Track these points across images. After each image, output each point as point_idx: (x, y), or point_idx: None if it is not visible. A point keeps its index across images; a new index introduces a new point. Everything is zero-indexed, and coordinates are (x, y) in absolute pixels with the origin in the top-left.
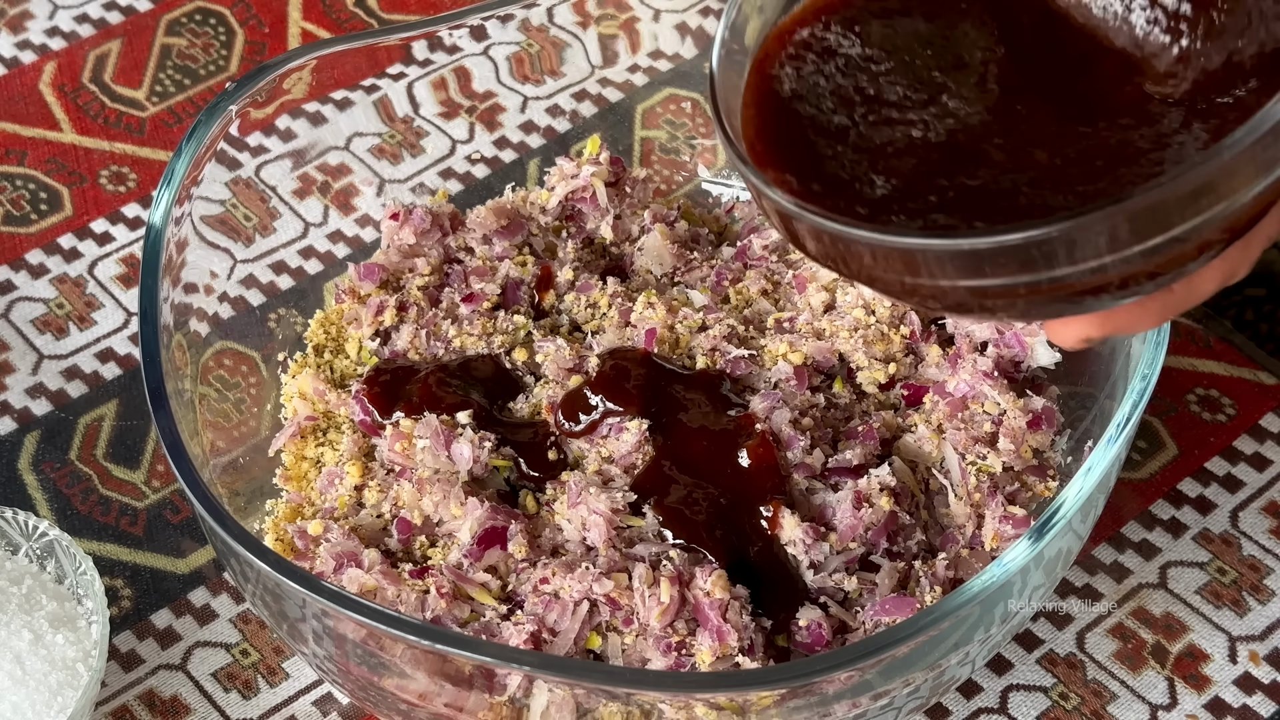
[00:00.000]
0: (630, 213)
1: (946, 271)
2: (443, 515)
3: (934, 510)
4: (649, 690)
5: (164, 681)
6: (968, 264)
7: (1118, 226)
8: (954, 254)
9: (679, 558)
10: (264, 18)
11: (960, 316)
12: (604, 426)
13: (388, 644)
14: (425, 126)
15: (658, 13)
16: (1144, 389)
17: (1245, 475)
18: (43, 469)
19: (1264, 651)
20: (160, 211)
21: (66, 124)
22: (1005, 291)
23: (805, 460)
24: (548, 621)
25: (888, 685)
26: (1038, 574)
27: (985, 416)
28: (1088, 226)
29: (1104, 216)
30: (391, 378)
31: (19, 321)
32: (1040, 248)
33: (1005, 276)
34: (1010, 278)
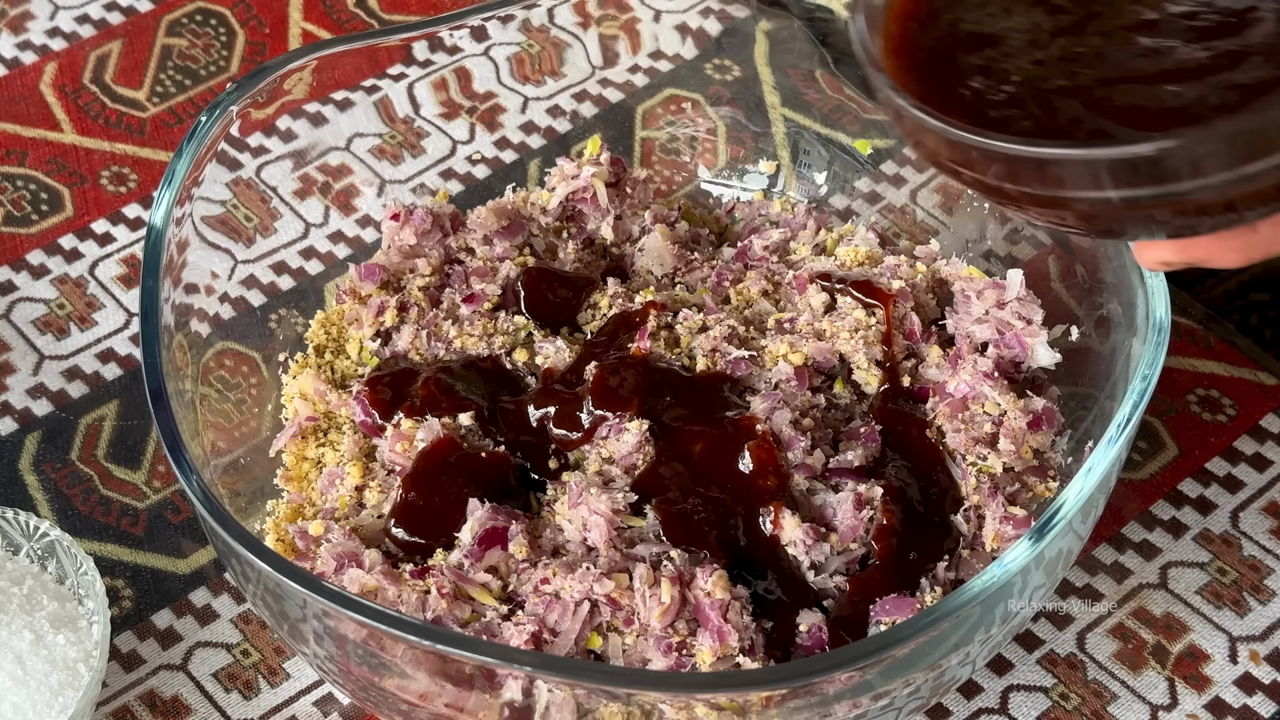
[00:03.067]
0: (631, 213)
1: (1075, 181)
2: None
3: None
4: (650, 691)
5: (165, 682)
6: (1096, 173)
7: (1238, 142)
8: (1086, 162)
9: (680, 558)
10: (264, 18)
11: (1067, 228)
12: (603, 428)
13: (388, 644)
14: (426, 127)
15: (658, 13)
16: (1144, 389)
17: (1246, 476)
18: (44, 469)
19: (1264, 652)
20: (161, 212)
21: (67, 124)
22: (1118, 205)
23: (806, 461)
24: (548, 622)
25: (888, 685)
26: (1038, 574)
27: (986, 417)
28: (1213, 139)
29: (1233, 131)
30: (392, 379)
31: (20, 322)
32: (1155, 163)
33: (1125, 189)
34: (1128, 189)
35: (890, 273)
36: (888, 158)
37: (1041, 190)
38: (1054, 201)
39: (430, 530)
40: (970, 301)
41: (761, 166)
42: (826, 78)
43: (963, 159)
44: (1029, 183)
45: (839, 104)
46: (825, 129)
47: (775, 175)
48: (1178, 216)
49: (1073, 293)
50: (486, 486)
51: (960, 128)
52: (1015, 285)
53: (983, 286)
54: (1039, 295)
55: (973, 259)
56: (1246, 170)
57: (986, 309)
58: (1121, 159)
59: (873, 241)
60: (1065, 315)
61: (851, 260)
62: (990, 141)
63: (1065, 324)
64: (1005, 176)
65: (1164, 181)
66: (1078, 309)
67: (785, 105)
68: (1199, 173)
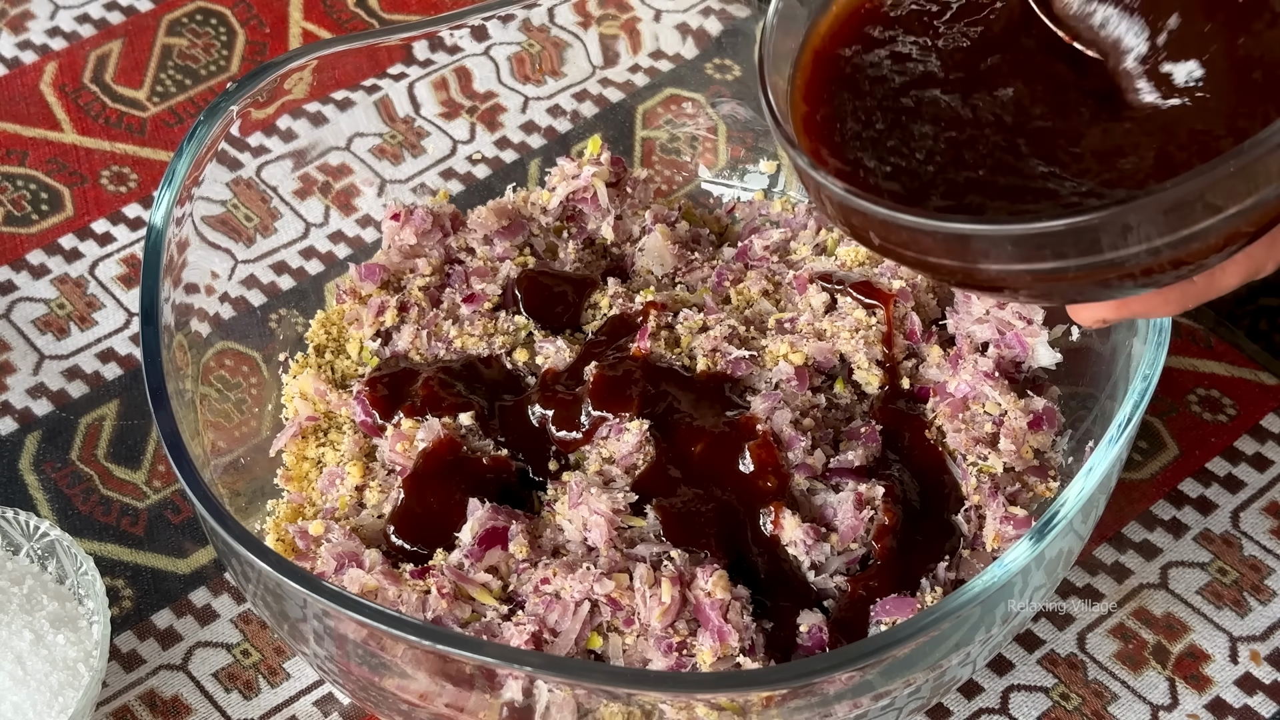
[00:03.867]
0: (631, 213)
1: (992, 255)
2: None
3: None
4: (650, 691)
5: (165, 682)
6: (1016, 249)
7: (1157, 214)
8: (1007, 238)
9: (680, 558)
10: (265, 18)
11: (984, 294)
12: (604, 428)
13: (389, 644)
14: (426, 127)
15: (659, 13)
16: (1145, 389)
17: (1246, 475)
18: (44, 469)
19: (1265, 652)
20: (161, 212)
21: (67, 124)
22: (1036, 275)
23: (806, 461)
24: (549, 622)
25: (889, 685)
26: (1039, 574)
27: (986, 417)
28: (1136, 211)
29: (1153, 202)
30: (392, 379)
31: (20, 322)
32: (1078, 235)
33: (1039, 262)
34: (1042, 263)
35: (891, 272)
36: None
37: (989, 266)
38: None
39: (430, 536)
40: (970, 301)
41: (762, 166)
42: None
43: (898, 240)
44: (963, 258)
45: None
46: None
47: (776, 175)
48: (1126, 280)
49: None
50: (488, 490)
51: (900, 209)
52: None
53: None
54: None
55: None
56: (1184, 234)
57: (987, 309)
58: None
59: None
60: (1065, 315)
61: (852, 260)
62: (932, 223)
63: (1066, 324)
64: (944, 255)
65: (1103, 251)
66: None
67: None
68: (1137, 240)
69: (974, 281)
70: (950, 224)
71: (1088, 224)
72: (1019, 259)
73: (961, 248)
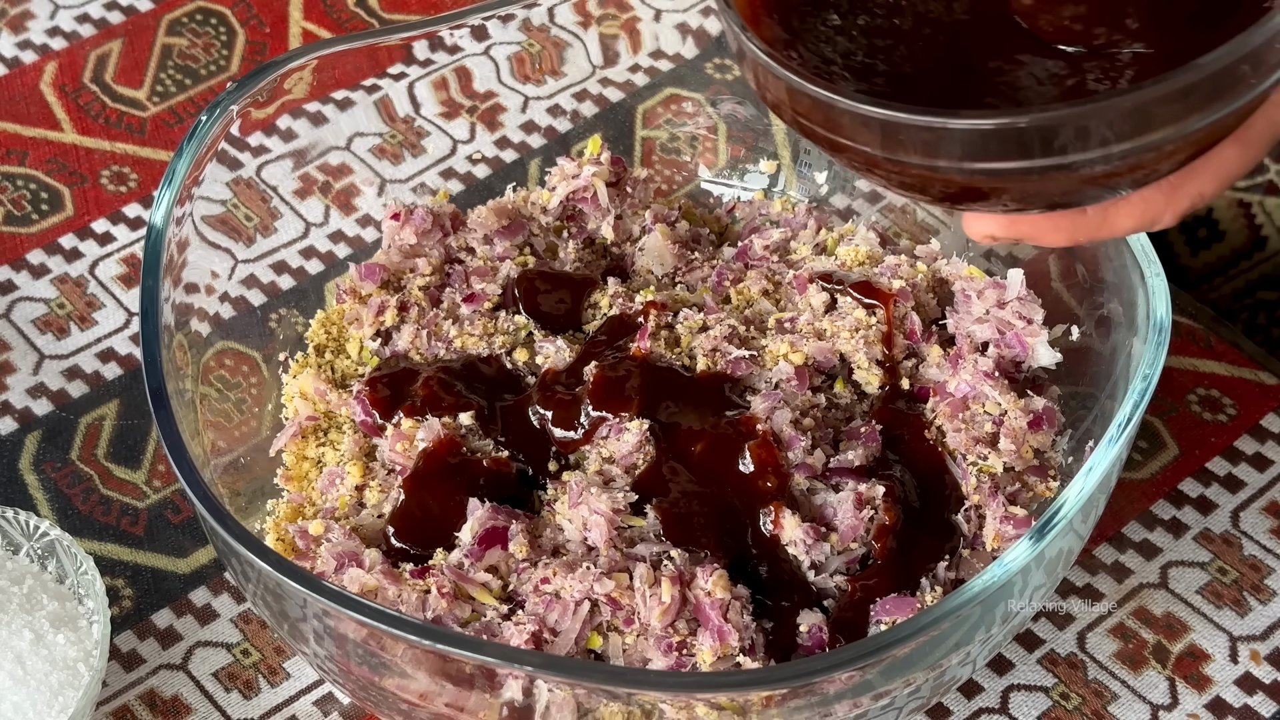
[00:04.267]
0: (631, 213)
1: (911, 147)
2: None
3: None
4: (650, 690)
5: (165, 681)
6: (923, 141)
7: (1073, 127)
8: (915, 127)
9: (680, 558)
10: (265, 18)
11: (901, 192)
12: (604, 428)
13: (389, 644)
14: (426, 126)
15: (659, 13)
16: (1145, 389)
17: (1246, 475)
18: (44, 469)
19: (1265, 651)
20: (161, 211)
21: (67, 124)
22: (948, 175)
23: (806, 460)
24: (549, 621)
25: (889, 685)
26: (1039, 574)
27: (986, 417)
28: (1061, 120)
29: (1075, 114)
30: (392, 378)
31: (20, 321)
32: (994, 136)
33: (947, 160)
34: (959, 162)
35: (891, 272)
36: None
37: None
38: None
39: (430, 537)
40: (971, 301)
41: (762, 166)
42: None
43: (817, 118)
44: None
45: None
46: None
47: (776, 175)
48: (1027, 197)
49: (1073, 292)
50: (488, 490)
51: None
52: (1016, 285)
53: (983, 286)
54: (1039, 295)
55: (973, 258)
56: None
57: (987, 308)
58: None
59: (873, 241)
60: (1066, 315)
61: (852, 260)
62: (861, 106)
63: (1066, 323)
64: (855, 138)
65: (1010, 157)
66: (1078, 308)
67: None
68: (1047, 150)
69: (879, 170)
70: (860, 106)
71: (1008, 126)
72: (926, 153)
73: (869, 132)
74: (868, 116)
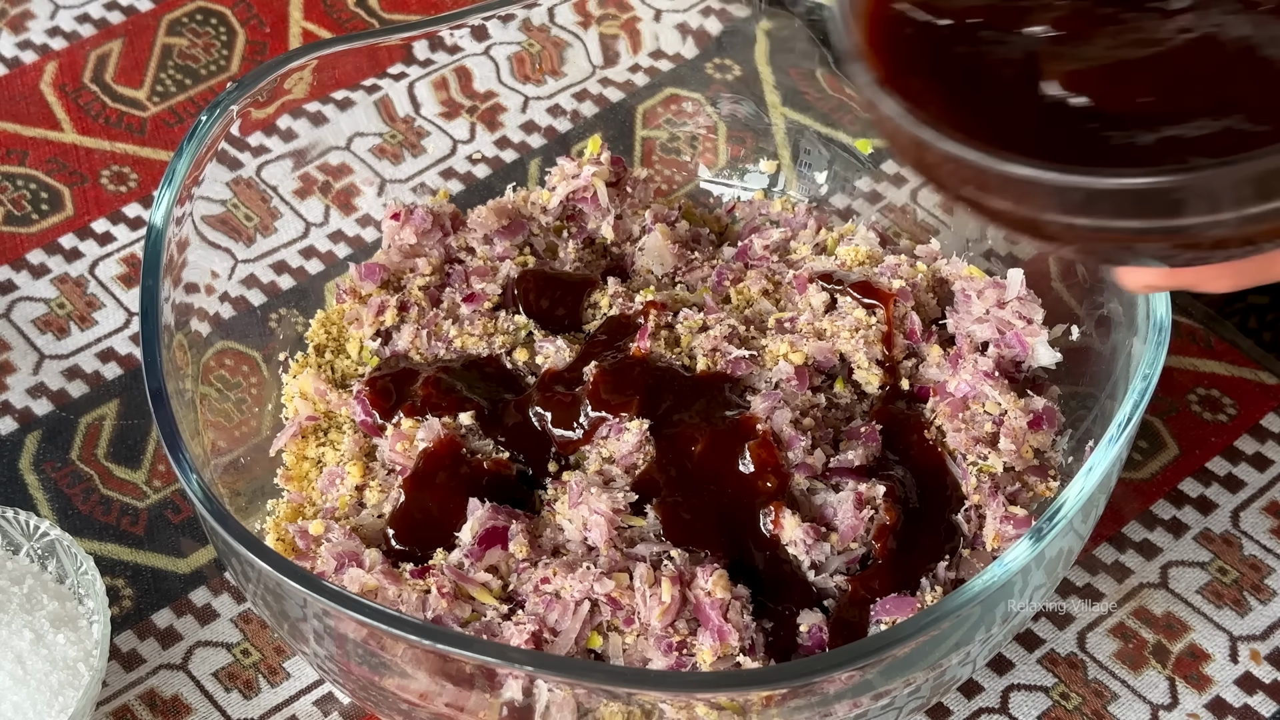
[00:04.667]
0: (631, 213)
1: (1057, 205)
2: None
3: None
4: (650, 690)
5: (165, 681)
6: (1085, 201)
7: (1237, 184)
8: (1073, 189)
9: (680, 558)
10: (265, 18)
11: (1044, 245)
12: (604, 428)
13: (389, 644)
14: (426, 126)
15: (659, 13)
16: (1145, 389)
17: (1246, 475)
18: (44, 469)
19: (1265, 651)
20: (161, 211)
21: (68, 124)
22: (1100, 233)
23: (806, 460)
24: (549, 621)
25: (889, 685)
26: (1039, 574)
27: (986, 417)
28: (1217, 179)
29: (1234, 172)
30: (393, 378)
31: (20, 321)
32: (1153, 197)
33: (1110, 219)
34: (1115, 220)
35: (890, 272)
36: (888, 157)
37: (1027, 211)
38: (1044, 226)
39: (430, 537)
40: (971, 301)
41: (762, 166)
42: (827, 77)
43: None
44: (1014, 199)
45: (839, 103)
46: (826, 128)
47: (776, 175)
48: (1184, 250)
49: (1073, 292)
50: (488, 492)
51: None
52: (1016, 285)
53: (983, 286)
54: (1039, 294)
55: (973, 258)
56: (1263, 209)
57: (987, 308)
58: (1135, 190)
59: (873, 241)
60: (1066, 314)
61: (852, 260)
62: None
63: (1066, 323)
64: (1003, 196)
65: (1174, 216)
66: (1078, 308)
67: (786, 104)
68: (1215, 209)
69: (1037, 233)
70: (1019, 168)
71: (1170, 185)
72: (1082, 212)
73: (1023, 193)
74: (1066, 184)
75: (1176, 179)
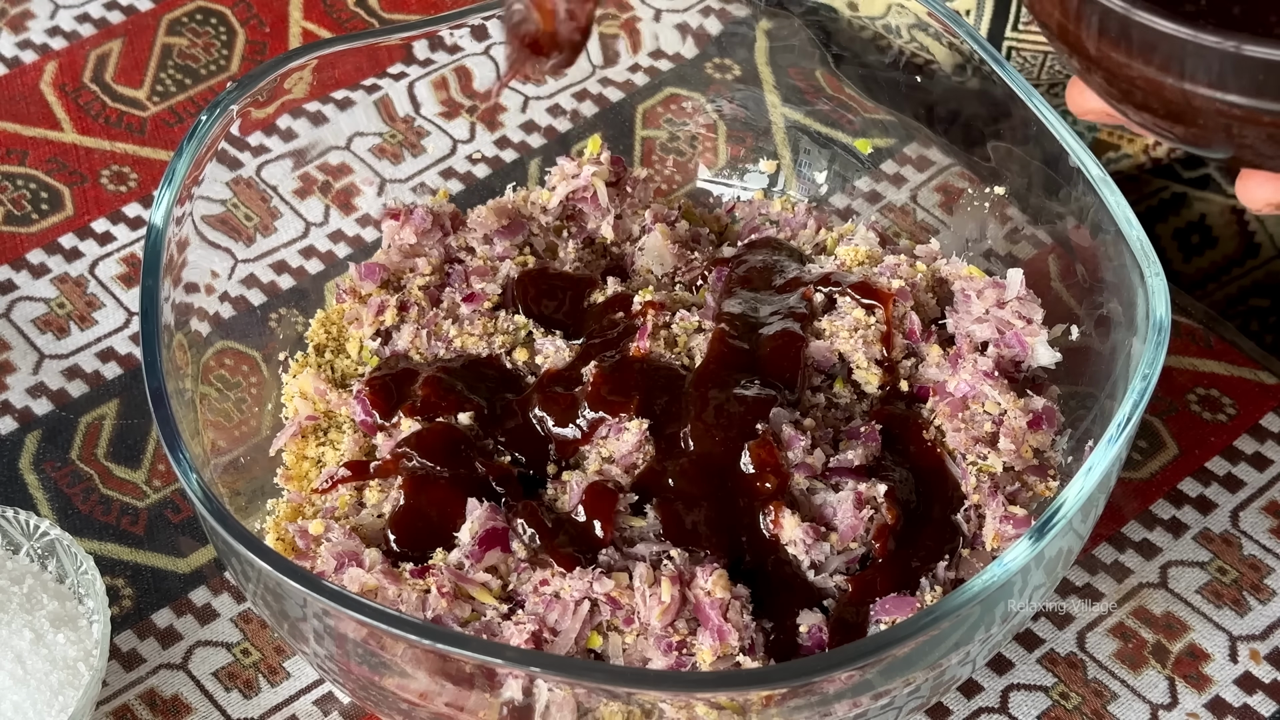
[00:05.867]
0: (631, 212)
1: (1221, 79)
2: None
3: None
4: (650, 690)
5: (165, 681)
6: (1242, 74)
7: None
8: (1254, 60)
9: (680, 557)
10: (265, 17)
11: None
12: (603, 428)
13: (389, 643)
14: (426, 126)
15: (659, 12)
16: (1145, 389)
17: (1246, 475)
18: (44, 468)
19: (1265, 651)
20: (161, 211)
21: (67, 124)
22: (1250, 115)
23: (806, 460)
24: (548, 621)
25: (888, 685)
26: (1038, 574)
27: (986, 416)
28: None
29: None
30: (393, 378)
31: (20, 321)
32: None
33: (1264, 99)
34: (1268, 101)
35: (890, 272)
36: (888, 157)
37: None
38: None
39: (429, 539)
40: (970, 301)
41: (762, 166)
42: (827, 77)
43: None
44: (1153, 63)
45: (839, 103)
46: (825, 128)
47: (775, 174)
48: None
49: (1073, 292)
50: (491, 493)
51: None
52: (1015, 284)
53: (983, 286)
54: (1039, 294)
55: (973, 258)
56: None
57: (986, 308)
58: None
59: (873, 241)
60: (1065, 314)
61: (852, 260)
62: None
63: (1065, 323)
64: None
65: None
66: (1078, 308)
67: (785, 104)
68: None
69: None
70: (1205, 36)
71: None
72: (1243, 89)
73: (1196, 64)
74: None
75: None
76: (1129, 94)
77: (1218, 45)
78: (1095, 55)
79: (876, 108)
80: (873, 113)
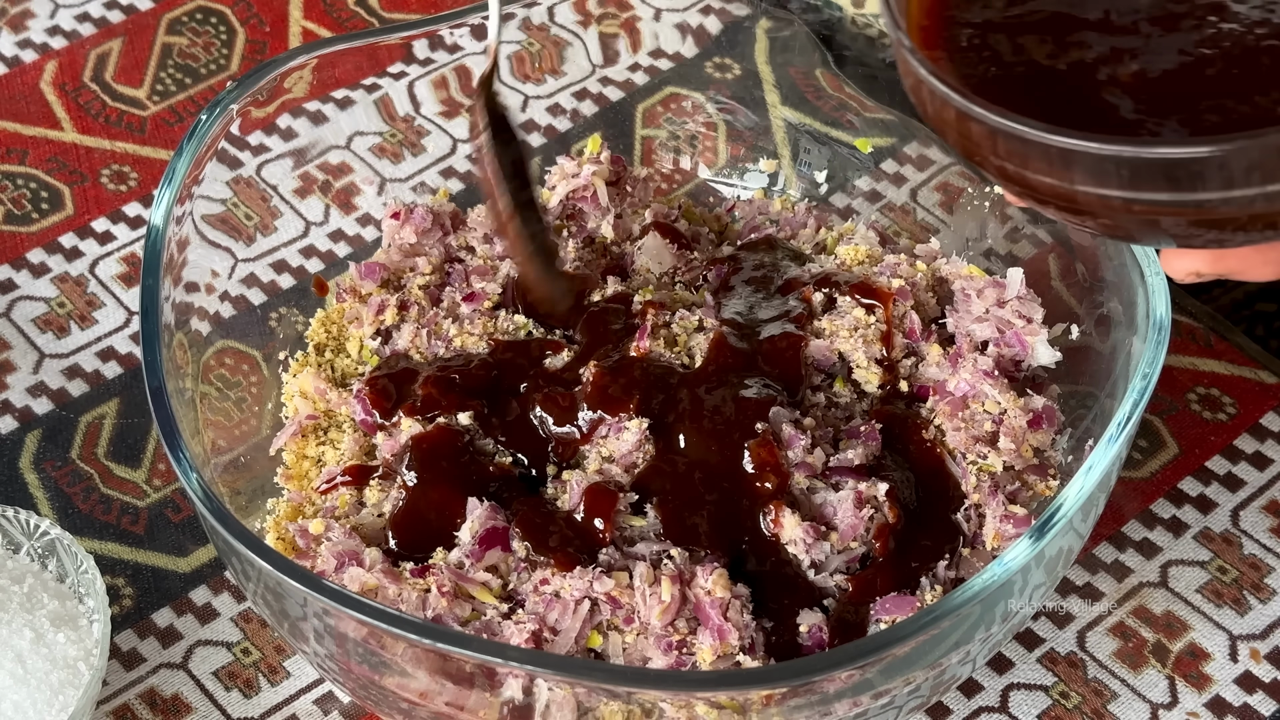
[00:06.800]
0: (631, 212)
1: (1098, 178)
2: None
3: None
4: (650, 689)
5: (165, 680)
6: (1129, 173)
7: (1268, 158)
8: (1114, 160)
9: (680, 556)
10: (265, 17)
11: (1075, 220)
12: (603, 427)
13: (389, 643)
14: (426, 125)
15: (659, 12)
16: (1145, 388)
17: (1246, 474)
18: (44, 468)
19: (1265, 650)
20: (161, 210)
21: (68, 123)
22: (1148, 208)
23: (806, 460)
24: (549, 620)
25: (888, 684)
26: (1038, 573)
27: (986, 416)
28: (1257, 150)
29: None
30: (393, 377)
31: (20, 320)
32: (1193, 166)
33: (1154, 192)
34: (1158, 194)
35: (890, 271)
36: (888, 156)
37: (1060, 184)
38: (1074, 198)
39: (429, 539)
40: (970, 300)
41: (762, 165)
42: (827, 76)
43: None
44: (1045, 172)
45: (839, 103)
46: (825, 127)
47: (775, 174)
48: (1205, 229)
49: (1073, 291)
50: (488, 491)
51: (994, 110)
52: (1015, 284)
53: (983, 285)
54: (1039, 293)
55: (973, 257)
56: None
57: (987, 307)
58: (1161, 160)
59: (873, 240)
60: (1065, 314)
61: (852, 259)
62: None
63: (1065, 322)
64: (1024, 162)
65: (1197, 189)
66: (1078, 307)
67: (785, 104)
68: (1240, 184)
69: (1074, 206)
70: (1062, 139)
71: (1211, 156)
72: (1128, 185)
73: (1067, 166)
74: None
75: (1211, 149)
76: (1023, 194)
77: (1061, 143)
78: (987, 163)
79: (876, 107)
80: (873, 112)
